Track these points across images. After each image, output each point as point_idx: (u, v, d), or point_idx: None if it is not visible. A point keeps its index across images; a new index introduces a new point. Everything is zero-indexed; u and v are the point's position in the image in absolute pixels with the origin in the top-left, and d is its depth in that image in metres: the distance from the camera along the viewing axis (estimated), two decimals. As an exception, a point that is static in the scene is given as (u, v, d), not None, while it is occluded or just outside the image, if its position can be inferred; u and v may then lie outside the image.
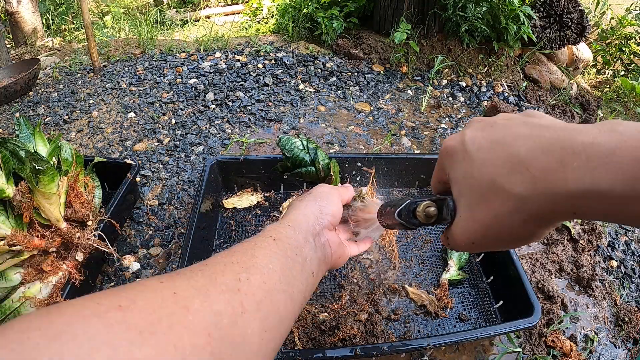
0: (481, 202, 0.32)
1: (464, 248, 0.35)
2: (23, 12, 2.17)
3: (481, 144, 0.32)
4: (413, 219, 0.40)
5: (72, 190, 0.76)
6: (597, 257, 0.99)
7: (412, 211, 0.40)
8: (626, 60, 2.12)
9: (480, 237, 0.33)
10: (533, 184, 0.28)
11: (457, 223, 0.35)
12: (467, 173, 0.33)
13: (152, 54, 1.74)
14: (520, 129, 0.31)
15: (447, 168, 0.36)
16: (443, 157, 0.37)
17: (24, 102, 1.45)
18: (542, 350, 0.79)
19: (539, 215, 0.29)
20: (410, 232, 0.95)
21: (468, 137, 0.34)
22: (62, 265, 0.71)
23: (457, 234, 0.35)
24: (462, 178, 0.34)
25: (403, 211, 0.42)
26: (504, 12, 1.58)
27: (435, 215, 0.38)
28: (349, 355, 0.62)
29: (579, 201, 0.26)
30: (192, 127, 1.29)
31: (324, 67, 1.64)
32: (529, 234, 0.31)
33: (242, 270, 0.34)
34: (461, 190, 0.34)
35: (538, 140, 0.29)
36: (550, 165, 0.28)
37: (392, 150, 1.24)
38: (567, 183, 0.26)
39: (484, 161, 0.32)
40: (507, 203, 0.30)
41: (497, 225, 0.31)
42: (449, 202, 0.35)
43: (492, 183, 0.31)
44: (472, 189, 0.32)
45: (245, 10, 3.16)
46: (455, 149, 0.35)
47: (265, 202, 1.00)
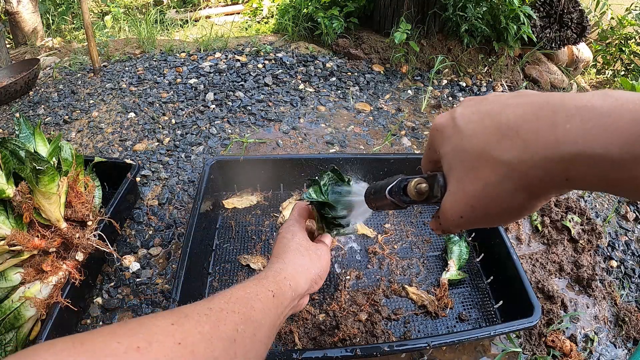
0: (470, 172, 0.31)
1: (454, 224, 0.34)
2: (23, 12, 2.17)
3: (470, 118, 0.32)
4: (404, 197, 0.40)
5: (72, 190, 0.76)
6: (597, 257, 0.99)
7: (402, 188, 0.40)
8: (626, 60, 2.12)
9: (470, 210, 0.32)
10: (523, 149, 0.27)
11: (447, 197, 0.34)
12: (456, 146, 0.32)
13: (152, 54, 1.74)
14: (510, 100, 0.30)
15: (437, 145, 0.35)
16: (433, 135, 0.36)
17: (24, 102, 1.45)
18: (542, 350, 0.79)
19: (529, 182, 0.28)
20: (410, 232, 0.95)
21: (458, 113, 0.33)
22: (62, 265, 0.71)
23: (446, 209, 0.34)
24: (451, 151, 0.33)
25: (394, 189, 0.41)
26: (504, 12, 1.58)
27: (427, 191, 0.37)
28: (349, 355, 0.62)
29: (572, 165, 0.25)
30: (192, 127, 1.29)
31: (324, 67, 1.64)
32: (519, 206, 0.30)
33: (241, 322, 0.38)
34: (451, 164, 0.33)
35: (528, 106, 0.28)
36: (541, 128, 0.26)
37: (392, 150, 1.24)
38: (558, 146, 0.25)
39: (474, 132, 0.31)
40: (496, 171, 0.29)
41: (486, 196, 0.30)
42: (439, 178, 0.35)
43: (481, 152, 0.30)
44: (462, 161, 0.32)
45: (245, 10, 3.15)
46: (445, 125, 0.34)
47: (265, 202, 1.00)
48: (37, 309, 0.66)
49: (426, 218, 1.00)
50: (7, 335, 0.66)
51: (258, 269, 0.85)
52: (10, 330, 0.66)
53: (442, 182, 0.35)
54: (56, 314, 0.66)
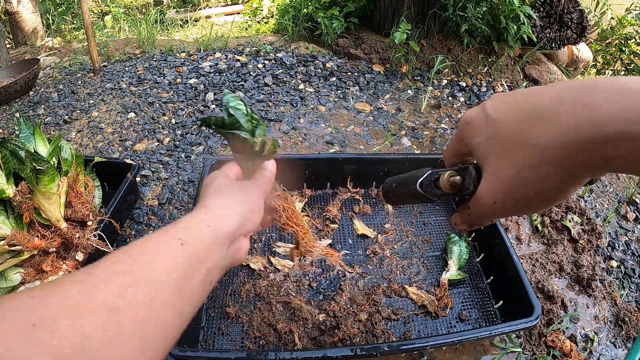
0: (505, 158, 0.31)
1: (487, 211, 0.34)
2: (23, 12, 2.17)
3: (502, 107, 0.33)
4: (435, 190, 0.39)
5: (72, 190, 0.76)
6: (597, 257, 0.99)
7: (433, 181, 0.39)
8: (626, 60, 2.12)
9: (504, 196, 0.32)
10: (559, 132, 0.27)
11: (482, 185, 0.34)
12: (490, 135, 0.33)
13: (152, 54, 1.74)
14: (542, 88, 0.31)
15: (467, 137, 0.36)
16: (463, 128, 0.36)
17: (24, 102, 1.45)
18: (542, 350, 0.79)
19: (565, 165, 0.28)
20: (410, 231, 0.95)
21: (488, 105, 0.34)
22: (62, 265, 0.71)
23: (481, 196, 0.34)
24: (485, 141, 0.33)
25: (425, 182, 0.40)
26: (504, 12, 1.58)
27: (460, 184, 0.37)
28: (349, 355, 0.62)
29: (610, 146, 0.25)
30: (192, 127, 1.29)
31: (324, 67, 1.64)
32: (554, 190, 0.30)
33: (129, 284, 0.30)
34: (485, 154, 0.33)
35: (563, 90, 0.28)
36: (577, 110, 0.26)
37: (392, 150, 1.24)
38: (597, 127, 0.25)
39: (507, 120, 0.31)
40: (531, 155, 0.29)
41: (521, 180, 0.30)
42: (471, 170, 0.35)
43: (516, 138, 0.30)
44: (496, 149, 0.32)
45: (245, 10, 3.16)
46: (476, 118, 0.35)
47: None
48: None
49: (426, 218, 1.00)
50: (7, 335, 0.66)
51: (258, 269, 0.85)
52: (10, 330, 0.66)
53: (474, 174, 0.35)
54: (56, 314, 0.66)
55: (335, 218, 0.96)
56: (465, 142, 0.36)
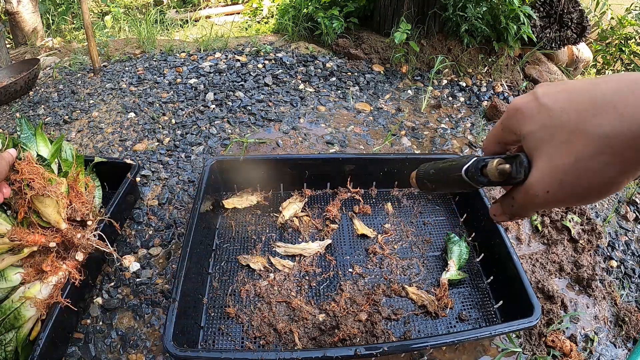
0: (562, 147, 0.31)
1: (538, 200, 0.34)
2: (23, 12, 2.17)
3: (557, 96, 0.32)
4: (481, 177, 0.38)
5: (72, 190, 0.76)
6: (597, 257, 0.99)
7: (480, 169, 0.38)
8: (626, 60, 2.12)
9: (558, 185, 0.32)
10: (620, 122, 0.28)
11: (534, 173, 0.34)
12: (545, 123, 0.32)
13: (152, 54, 1.74)
14: (598, 79, 0.31)
15: (516, 125, 0.35)
16: (511, 117, 0.36)
17: (24, 102, 1.45)
18: (542, 350, 0.79)
19: (624, 155, 0.28)
20: (410, 231, 0.96)
21: (540, 93, 0.34)
22: (62, 265, 0.71)
23: (532, 184, 0.34)
24: (538, 130, 0.33)
25: (471, 169, 0.39)
26: (504, 12, 1.57)
27: (509, 172, 0.36)
28: (349, 355, 0.62)
29: None
30: (192, 127, 1.29)
31: (324, 67, 1.64)
32: (609, 181, 0.30)
33: None
34: (539, 142, 0.33)
35: (622, 82, 0.29)
36: (638, 101, 0.27)
37: (392, 150, 1.24)
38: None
39: (564, 109, 0.31)
40: (590, 144, 0.29)
41: (577, 169, 0.30)
42: (522, 158, 0.34)
43: (575, 127, 0.30)
44: (552, 137, 0.32)
45: (245, 10, 3.15)
46: (527, 106, 0.34)
47: (265, 202, 1.00)
48: (37, 309, 0.66)
49: (426, 218, 1.00)
50: (7, 335, 0.66)
51: (258, 269, 0.85)
52: (11, 330, 0.66)
53: (525, 162, 0.34)
54: (56, 314, 0.66)
55: (335, 218, 0.96)
56: (513, 131, 0.36)
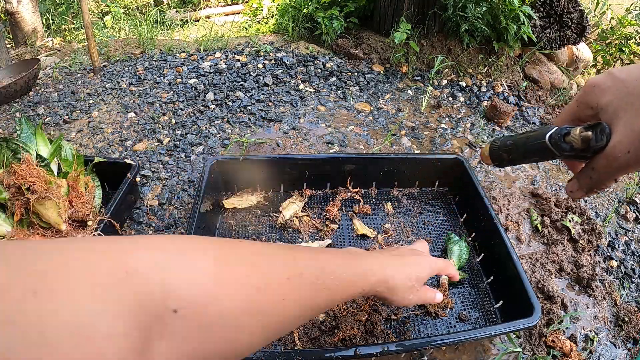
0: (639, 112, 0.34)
1: (619, 163, 0.36)
2: (23, 12, 2.17)
3: (630, 70, 0.36)
4: (564, 144, 0.39)
5: (72, 190, 0.76)
6: (597, 257, 0.99)
7: (563, 136, 0.39)
8: (626, 60, 2.12)
9: (638, 144, 0.34)
10: None
11: (615, 138, 0.36)
12: (622, 93, 0.36)
13: (152, 54, 1.74)
14: None
15: (593, 99, 0.38)
16: (588, 91, 0.39)
17: (24, 102, 1.45)
18: (542, 350, 0.79)
19: None
20: (410, 231, 0.96)
21: (616, 71, 0.37)
22: (63, 266, 0.71)
23: (613, 148, 0.36)
24: (617, 99, 0.36)
25: (554, 136, 0.40)
26: (504, 12, 1.57)
27: (591, 139, 0.37)
28: (349, 355, 0.62)
29: None
30: (192, 127, 1.29)
31: (324, 67, 1.64)
32: None
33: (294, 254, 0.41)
34: (616, 110, 0.36)
35: None
36: None
37: (392, 150, 1.24)
38: None
39: (638, 79, 0.35)
40: None
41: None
42: (604, 126, 0.36)
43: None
44: (630, 104, 0.35)
45: (245, 10, 3.16)
46: (603, 81, 0.38)
47: (265, 202, 1.00)
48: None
49: (426, 218, 1.00)
50: (7, 335, 0.66)
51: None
52: (11, 330, 0.66)
53: (607, 129, 0.36)
54: (56, 314, 0.66)
55: (335, 218, 0.96)
56: (590, 105, 0.39)
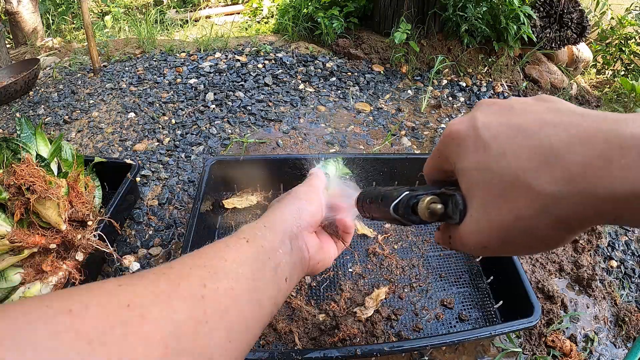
0: (500, 201, 0.27)
1: (473, 252, 0.31)
2: (23, 12, 2.17)
3: (498, 131, 0.28)
4: (412, 216, 0.34)
5: (72, 190, 0.76)
6: (597, 257, 0.99)
7: (411, 206, 0.34)
8: (626, 60, 2.12)
9: (496, 241, 0.28)
10: (568, 183, 0.24)
11: (468, 224, 0.30)
12: (481, 165, 0.28)
13: (152, 54, 1.74)
14: (546, 115, 0.26)
15: (452, 156, 0.31)
16: (447, 144, 0.31)
17: (24, 102, 1.45)
18: (542, 350, 0.79)
19: (570, 218, 0.24)
20: (410, 231, 0.95)
21: (480, 121, 0.29)
22: (62, 265, 0.71)
23: (466, 236, 0.30)
24: (474, 170, 0.29)
25: (400, 206, 0.35)
26: (504, 12, 1.58)
27: (441, 212, 0.32)
28: (349, 355, 0.62)
29: (625, 205, 0.22)
30: (192, 127, 1.29)
31: (324, 67, 1.64)
32: (553, 240, 0.27)
33: (209, 276, 0.32)
34: (473, 186, 0.29)
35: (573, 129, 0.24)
36: (590, 161, 0.23)
37: (392, 150, 1.24)
38: (611, 184, 0.22)
39: (504, 152, 0.27)
40: (533, 204, 0.25)
41: (517, 229, 0.27)
42: (457, 199, 0.30)
43: (515, 179, 0.26)
44: (489, 184, 0.27)
45: (245, 10, 3.16)
46: (464, 135, 0.30)
47: (265, 202, 1.00)
48: None
49: (426, 218, 1.00)
50: (7, 335, 0.66)
51: (258, 269, 0.85)
52: (11, 330, 0.66)
53: (461, 204, 0.30)
54: (56, 314, 0.66)
55: (335, 218, 0.96)
56: (449, 160, 0.31)
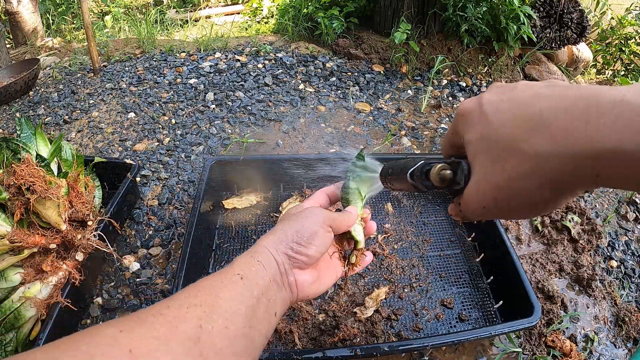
0: (496, 163, 0.30)
1: (475, 213, 0.34)
2: (23, 12, 2.17)
3: (499, 106, 0.31)
4: (426, 181, 0.38)
5: (72, 190, 0.76)
6: (597, 257, 0.99)
7: (425, 173, 0.38)
8: (626, 60, 2.12)
9: (493, 202, 0.31)
10: (553, 144, 0.26)
11: (470, 186, 0.33)
12: (483, 134, 0.31)
13: (152, 54, 1.74)
14: (542, 90, 0.29)
15: (461, 131, 0.34)
16: (458, 120, 0.35)
17: (24, 102, 1.45)
18: (542, 350, 0.79)
19: (557, 178, 0.27)
20: (410, 231, 0.95)
21: (486, 99, 0.32)
22: (62, 265, 0.71)
23: (469, 197, 0.33)
24: (477, 140, 0.32)
25: (416, 172, 0.39)
26: (504, 12, 1.57)
27: (450, 178, 0.36)
28: (349, 355, 0.62)
29: (603, 163, 0.24)
30: (192, 127, 1.29)
31: (324, 67, 1.64)
32: (544, 201, 0.29)
33: (204, 316, 0.33)
34: (476, 152, 0.32)
35: (560, 98, 0.27)
36: (573, 123, 0.26)
37: (392, 150, 1.24)
38: (591, 142, 0.24)
39: (502, 122, 0.30)
40: (523, 164, 0.28)
41: (511, 188, 0.29)
42: (463, 166, 0.34)
43: (510, 143, 0.29)
44: (488, 150, 0.31)
45: (245, 10, 3.16)
46: (471, 111, 0.33)
47: (265, 202, 1.00)
48: (37, 309, 0.66)
49: (426, 218, 1.00)
50: (7, 336, 0.66)
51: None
52: (11, 331, 0.66)
53: (466, 169, 0.34)
54: (56, 314, 0.66)
55: (335, 218, 0.96)
56: (460, 135, 0.35)
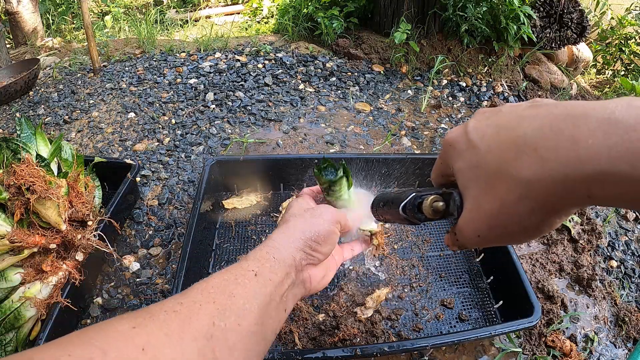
0: (487, 191, 0.30)
1: (472, 242, 0.33)
2: (23, 12, 2.17)
3: (485, 132, 0.31)
4: (419, 214, 0.38)
5: (72, 190, 0.76)
6: (597, 257, 0.99)
7: (417, 206, 0.38)
8: (626, 60, 2.12)
9: (487, 229, 0.31)
10: (541, 166, 0.26)
11: (464, 216, 0.33)
12: (471, 162, 0.31)
13: (152, 54, 1.74)
14: (526, 111, 0.29)
15: (450, 160, 0.34)
16: (446, 150, 0.35)
17: (24, 102, 1.45)
18: (542, 350, 0.79)
19: (548, 201, 0.26)
20: (410, 232, 0.95)
21: (471, 126, 0.32)
22: (62, 265, 0.71)
23: (463, 226, 0.33)
24: (466, 168, 0.32)
25: (408, 206, 0.39)
26: (504, 12, 1.57)
27: (443, 209, 0.36)
28: (349, 355, 0.62)
29: (595, 183, 0.23)
30: (192, 127, 1.29)
31: (324, 67, 1.64)
32: (538, 225, 0.28)
33: (217, 313, 0.33)
34: (466, 181, 0.32)
35: (546, 118, 0.26)
36: (560, 144, 0.25)
37: (392, 150, 1.24)
38: (580, 164, 0.24)
39: (489, 148, 0.30)
40: (514, 189, 0.27)
41: (503, 215, 0.29)
42: (455, 196, 0.34)
43: (498, 169, 0.28)
44: (478, 178, 0.30)
45: (245, 10, 3.16)
46: (458, 140, 0.33)
47: (265, 202, 1.00)
48: (37, 309, 0.66)
49: (426, 218, 1.00)
50: (7, 336, 0.66)
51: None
52: (11, 331, 0.66)
53: (458, 200, 0.34)
54: (56, 314, 0.66)
55: (335, 218, 0.96)
56: (449, 165, 0.35)
